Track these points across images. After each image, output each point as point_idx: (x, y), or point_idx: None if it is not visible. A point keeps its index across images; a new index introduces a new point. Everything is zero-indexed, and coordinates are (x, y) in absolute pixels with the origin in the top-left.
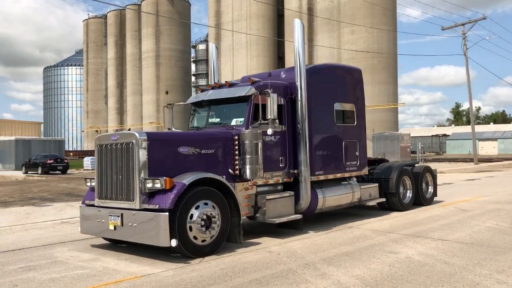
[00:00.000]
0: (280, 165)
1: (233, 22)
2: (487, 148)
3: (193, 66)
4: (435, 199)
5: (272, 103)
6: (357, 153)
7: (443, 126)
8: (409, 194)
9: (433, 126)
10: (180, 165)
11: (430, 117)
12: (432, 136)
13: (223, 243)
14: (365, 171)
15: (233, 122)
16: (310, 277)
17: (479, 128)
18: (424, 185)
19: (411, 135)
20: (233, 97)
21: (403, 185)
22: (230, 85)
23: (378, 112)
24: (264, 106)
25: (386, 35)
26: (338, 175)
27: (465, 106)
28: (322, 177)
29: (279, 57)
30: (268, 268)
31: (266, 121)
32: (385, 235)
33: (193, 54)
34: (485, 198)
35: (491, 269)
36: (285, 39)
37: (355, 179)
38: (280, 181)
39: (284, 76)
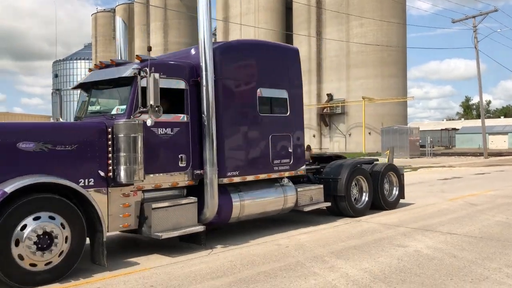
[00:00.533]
0: (180, 165)
1: (241, 15)
2: (497, 142)
3: None
4: (402, 201)
5: (153, 85)
6: (290, 149)
7: (453, 120)
8: (364, 197)
9: (443, 120)
10: (21, 166)
11: (439, 111)
12: (442, 130)
13: (74, 266)
14: (301, 170)
15: (114, 110)
16: (319, 269)
17: (490, 122)
18: (387, 186)
19: (420, 129)
20: (113, 79)
21: (358, 186)
22: (117, 64)
23: (387, 105)
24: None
25: (395, 28)
26: (262, 176)
27: (475, 99)
28: (237, 179)
29: None
30: (277, 261)
31: (146, 109)
32: (394, 228)
33: None
34: (495, 192)
35: (500, 263)
36: (294, 32)
37: (286, 180)
38: (180, 185)
39: (194, 53)
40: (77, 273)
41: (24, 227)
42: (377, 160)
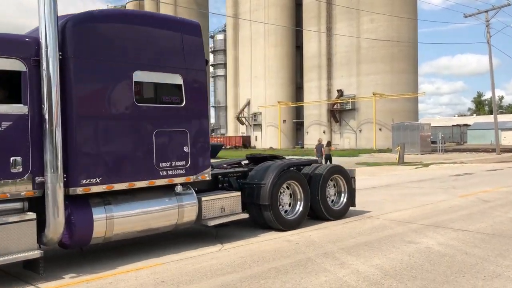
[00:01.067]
0: (12, 170)
1: (251, 11)
2: (510, 138)
3: (211, 56)
4: (354, 209)
5: None
6: (186, 149)
7: (465, 115)
8: (298, 206)
9: (454, 116)
10: None
11: (451, 106)
12: (453, 126)
13: None
14: (204, 175)
15: None
16: (329, 266)
17: (502, 118)
18: (332, 192)
19: (431, 125)
20: None
21: (292, 192)
22: None
23: (398, 101)
24: None
25: (406, 23)
26: (140, 184)
27: (487, 95)
28: (99, 188)
29: (297, 47)
30: (287, 257)
31: None
32: (405, 225)
33: (211, 44)
34: (508, 189)
35: None
36: (303, 28)
37: (180, 187)
38: (13, 196)
39: None
40: (88, 268)
41: None
42: (317, 161)
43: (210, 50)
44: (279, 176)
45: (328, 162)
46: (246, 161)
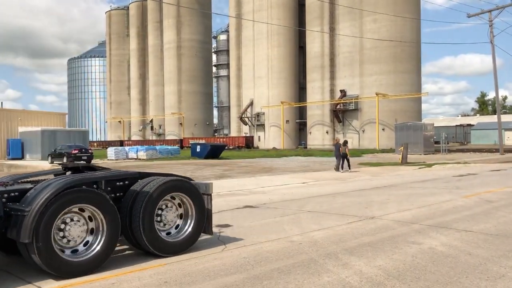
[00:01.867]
0: None
1: (254, 12)
2: None
3: (214, 56)
4: (219, 237)
5: None
6: None
7: (468, 116)
8: (97, 243)
9: (458, 116)
10: None
11: (454, 106)
12: (456, 126)
13: None
14: None
15: None
16: (332, 266)
17: (506, 118)
18: (171, 217)
19: (434, 125)
20: None
21: (95, 223)
22: None
23: (401, 101)
24: None
25: (409, 23)
26: None
27: (490, 95)
28: None
29: (300, 47)
30: (290, 258)
31: None
32: (408, 225)
33: (214, 45)
34: (511, 189)
35: None
36: (306, 29)
37: None
38: None
39: None
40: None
41: None
42: (138, 174)
43: (213, 50)
44: (53, 200)
45: (345, 161)
46: (70, 172)
